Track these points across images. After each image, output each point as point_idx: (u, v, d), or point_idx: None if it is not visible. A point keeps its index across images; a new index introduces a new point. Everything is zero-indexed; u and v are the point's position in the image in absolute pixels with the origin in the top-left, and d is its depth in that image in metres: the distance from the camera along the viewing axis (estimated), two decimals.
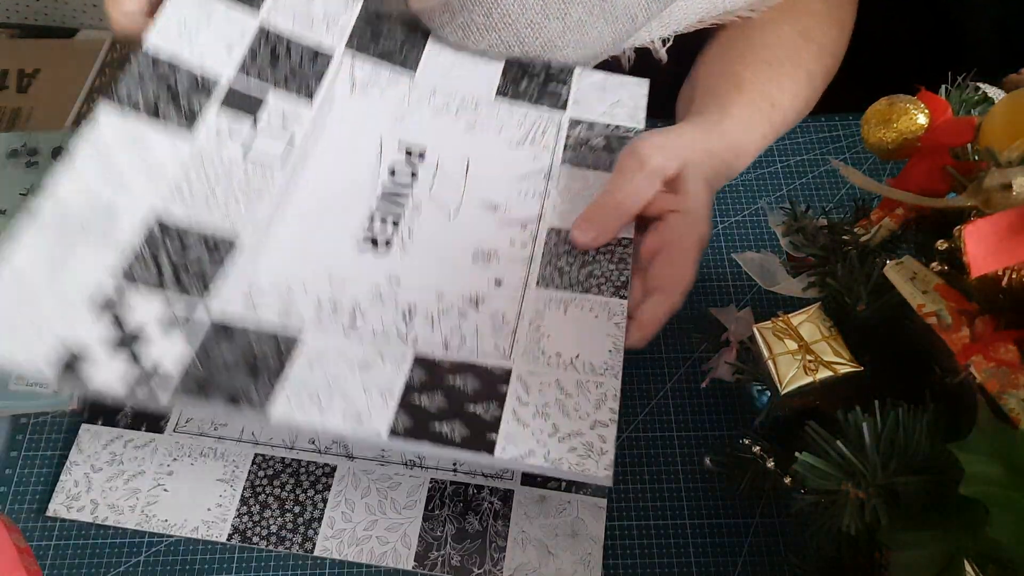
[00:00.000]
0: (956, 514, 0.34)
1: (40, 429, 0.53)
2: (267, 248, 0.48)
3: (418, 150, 0.54)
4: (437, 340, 0.46)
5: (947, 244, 0.36)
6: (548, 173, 0.53)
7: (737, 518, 0.50)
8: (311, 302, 0.46)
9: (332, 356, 0.44)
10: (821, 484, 0.36)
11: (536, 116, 0.56)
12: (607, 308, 0.47)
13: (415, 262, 0.50)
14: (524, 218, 0.52)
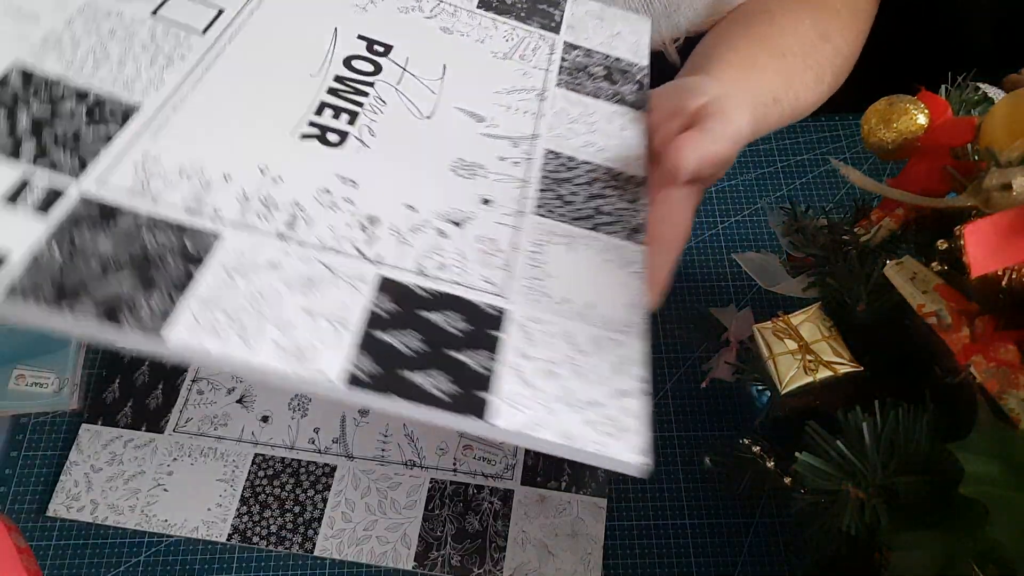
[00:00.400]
0: (956, 514, 0.34)
1: (40, 429, 0.53)
2: (174, 124, 0.38)
3: (383, 45, 0.45)
4: (408, 262, 0.36)
5: (947, 244, 0.36)
6: (541, 93, 0.46)
7: (737, 518, 0.50)
8: (233, 194, 0.36)
9: (262, 266, 0.34)
10: (821, 484, 0.36)
11: (525, 33, 0.50)
12: (620, 253, 0.39)
13: (377, 165, 0.40)
14: (515, 134, 0.43)
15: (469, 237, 0.38)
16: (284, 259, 0.34)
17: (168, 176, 0.36)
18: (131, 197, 0.34)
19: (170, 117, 0.38)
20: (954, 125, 0.41)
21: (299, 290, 0.33)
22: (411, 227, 0.38)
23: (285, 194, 0.37)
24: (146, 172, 0.35)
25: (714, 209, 0.61)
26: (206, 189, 0.36)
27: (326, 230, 0.36)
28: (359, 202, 0.38)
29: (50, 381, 0.53)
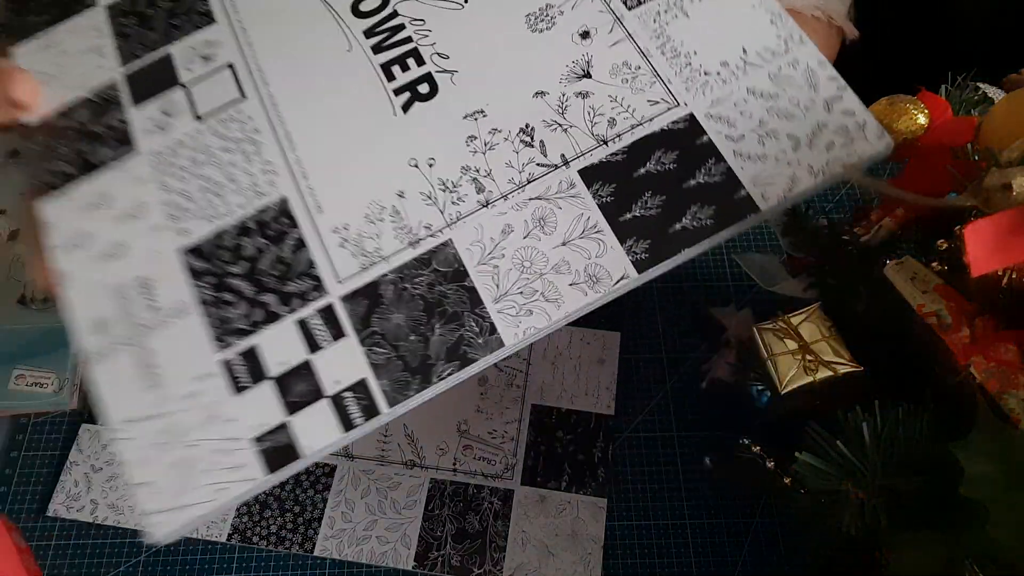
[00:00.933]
0: (956, 514, 0.34)
1: (40, 429, 0.53)
2: (318, 189, 0.37)
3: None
4: (587, 142, 0.36)
5: (947, 244, 0.36)
6: None
7: (737, 518, 0.50)
8: (420, 203, 0.36)
9: (499, 237, 0.35)
10: (821, 484, 0.36)
11: None
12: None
13: (475, 80, 0.38)
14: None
15: (604, 76, 0.37)
16: (505, 220, 0.35)
17: (365, 231, 0.36)
18: (367, 271, 0.35)
19: (310, 186, 0.37)
20: (954, 125, 0.41)
21: (541, 231, 0.35)
22: (557, 110, 0.37)
23: (450, 168, 0.36)
24: (352, 242, 0.36)
25: None
26: (400, 217, 0.36)
27: (508, 169, 0.36)
28: (501, 123, 0.37)
29: (50, 381, 0.53)
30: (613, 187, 0.35)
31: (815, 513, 0.38)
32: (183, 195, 0.37)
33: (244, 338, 0.34)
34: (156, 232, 0.36)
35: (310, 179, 0.37)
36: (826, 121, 0.35)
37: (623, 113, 0.37)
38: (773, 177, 0.35)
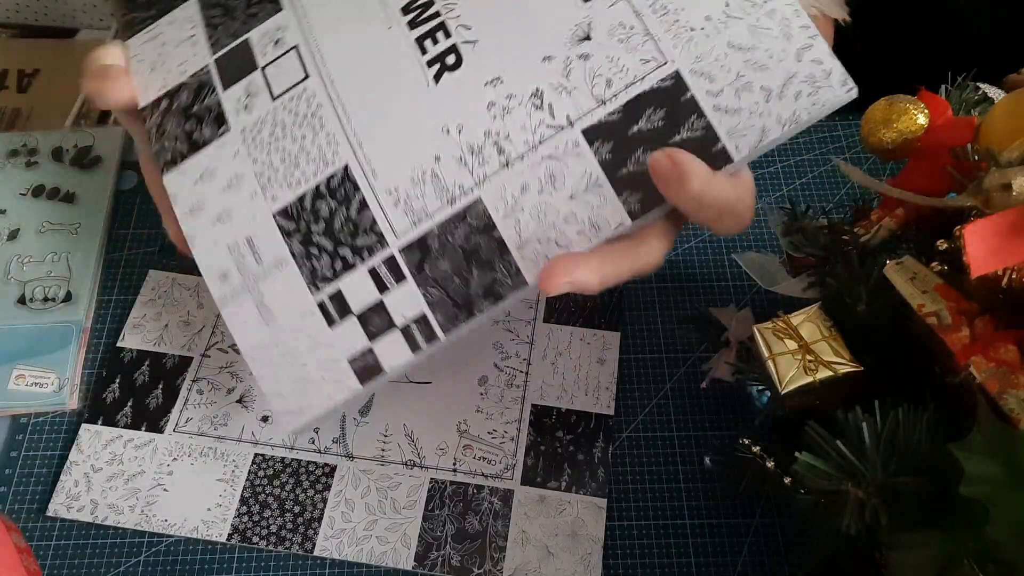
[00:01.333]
0: (956, 514, 0.34)
1: (40, 429, 0.53)
2: (372, 155, 0.41)
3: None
4: (587, 102, 0.39)
5: (947, 244, 0.36)
6: None
7: (737, 518, 0.50)
8: (453, 166, 0.40)
9: (520, 194, 0.39)
10: (821, 484, 0.36)
11: None
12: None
13: (493, 48, 0.41)
14: None
15: (603, 38, 0.40)
16: (523, 178, 0.40)
17: (412, 192, 0.41)
18: (417, 227, 0.41)
19: (365, 154, 0.42)
20: (954, 125, 0.41)
21: (554, 189, 0.39)
22: (563, 73, 0.40)
23: (475, 133, 0.40)
24: (403, 202, 0.41)
25: None
26: (439, 179, 0.41)
27: (523, 132, 0.40)
28: (516, 89, 0.40)
29: (50, 381, 0.53)
30: (611, 145, 0.39)
31: (815, 513, 0.38)
32: (269, 166, 0.43)
33: (330, 284, 0.42)
34: (252, 199, 0.43)
35: (365, 148, 0.41)
36: (796, 71, 0.37)
37: (618, 73, 0.39)
38: (745, 129, 0.37)
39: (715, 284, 0.58)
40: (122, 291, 0.58)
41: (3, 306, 0.56)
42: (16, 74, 0.71)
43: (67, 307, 0.56)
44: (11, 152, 0.62)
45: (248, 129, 0.43)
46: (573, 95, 0.40)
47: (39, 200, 0.60)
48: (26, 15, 0.80)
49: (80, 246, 0.58)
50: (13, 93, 0.70)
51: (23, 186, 0.60)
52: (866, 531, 0.35)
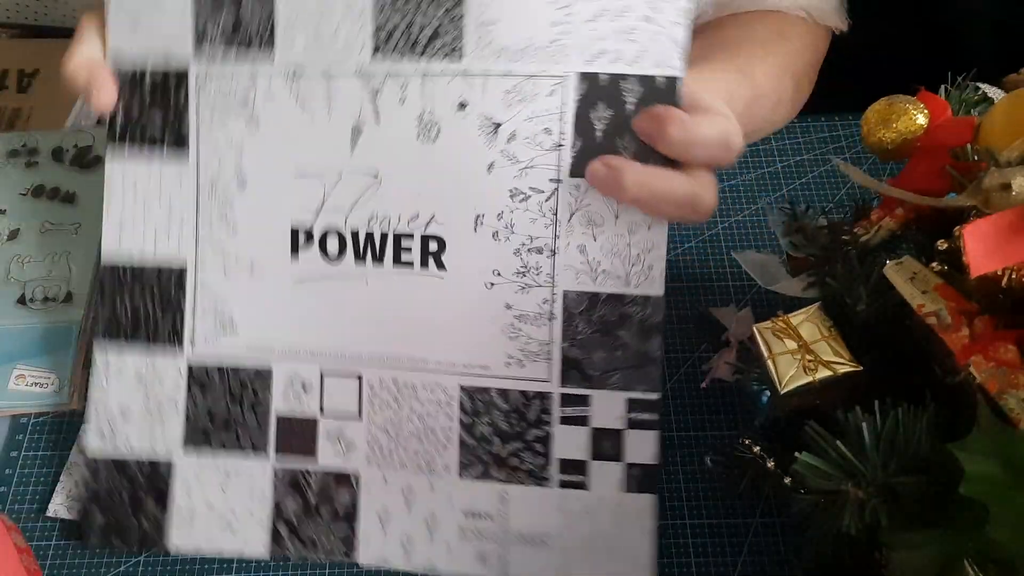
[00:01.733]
0: (956, 514, 0.34)
1: (40, 429, 0.53)
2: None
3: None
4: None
5: (947, 244, 0.36)
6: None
7: (737, 518, 0.50)
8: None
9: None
10: (821, 484, 0.36)
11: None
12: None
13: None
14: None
15: (520, 131, 0.44)
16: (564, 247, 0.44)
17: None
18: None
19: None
20: (954, 125, 0.41)
21: (592, 230, 0.44)
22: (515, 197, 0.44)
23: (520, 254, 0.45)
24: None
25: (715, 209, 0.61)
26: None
27: (532, 224, 0.44)
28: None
29: (50, 381, 0.53)
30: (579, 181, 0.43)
31: (815, 513, 0.38)
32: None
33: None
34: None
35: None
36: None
37: (548, 135, 0.43)
38: (656, 53, 0.42)
39: (715, 284, 0.58)
40: None
41: (3, 306, 0.56)
42: (16, 74, 0.71)
43: (67, 307, 0.56)
44: (11, 152, 0.62)
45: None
46: (533, 170, 0.43)
47: (39, 200, 0.60)
48: (26, 15, 0.80)
49: (80, 246, 0.58)
50: (13, 93, 0.70)
51: (23, 186, 0.60)
52: (866, 531, 0.35)
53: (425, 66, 0.44)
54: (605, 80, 0.42)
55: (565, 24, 0.42)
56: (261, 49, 0.45)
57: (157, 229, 0.47)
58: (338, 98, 0.45)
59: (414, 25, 0.44)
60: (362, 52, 0.44)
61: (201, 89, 0.46)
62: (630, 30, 0.42)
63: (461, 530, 0.46)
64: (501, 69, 0.43)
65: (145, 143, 0.47)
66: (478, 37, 0.43)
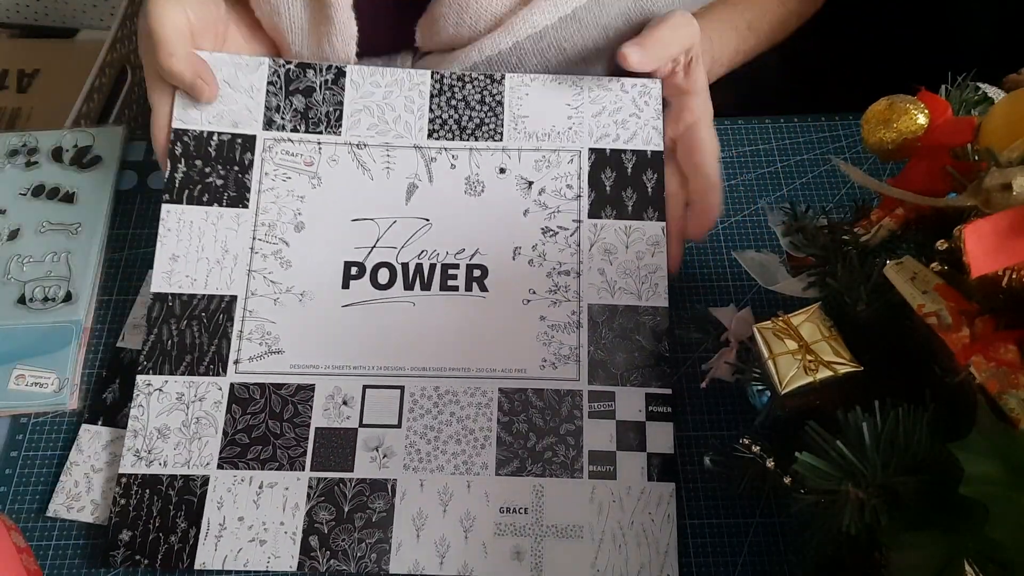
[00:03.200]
0: (956, 514, 0.34)
1: (40, 429, 0.53)
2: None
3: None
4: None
5: (947, 244, 0.36)
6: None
7: (737, 518, 0.50)
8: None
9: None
10: (821, 484, 0.36)
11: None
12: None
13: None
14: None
15: (547, 187, 0.55)
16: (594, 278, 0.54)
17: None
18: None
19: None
20: (954, 125, 0.41)
21: (609, 255, 0.55)
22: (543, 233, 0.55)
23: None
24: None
25: None
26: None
27: (561, 253, 0.54)
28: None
29: (50, 381, 0.53)
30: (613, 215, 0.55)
31: (815, 513, 0.38)
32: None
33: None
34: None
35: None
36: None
37: (570, 189, 0.55)
38: (645, 134, 0.56)
39: (715, 284, 0.58)
40: (122, 291, 0.58)
41: (3, 306, 0.56)
42: (16, 74, 0.71)
43: (67, 307, 0.56)
44: (11, 152, 0.62)
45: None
46: (560, 214, 0.54)
47: (39, 200, 0.60)
48: (26, 15, 0.80)
49: (80, 246, 0.58)
50: (13, 93, 0.70)
51: (23, 186, 0.60)
52: (866, 531, 0.35)
53: (472, 144, 0.55)
54: (609, 153, 0.55)
55: (577, 118, 0.56)
56: (328, 128, 0.55)
57: (210, 263, 0.52)
58: (397, 163, 0.54)
59: (463, 118, 0.56)
60: (419, 133, 0.55)
61: (267, 151, 0.54)
62: (624, 122, 0.56)
63: (496, 526, 0.48)
64: (532, 146, 0.55)
65: (204, 192, 0.53)
66: (514, 126, 0.55)
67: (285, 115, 0.54)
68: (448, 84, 0.56)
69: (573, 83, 0.56)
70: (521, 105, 0.56)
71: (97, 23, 0.84)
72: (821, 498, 0.36)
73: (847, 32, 0.66)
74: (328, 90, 0.55)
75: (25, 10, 0.80)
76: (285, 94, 0.55)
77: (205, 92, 0.53)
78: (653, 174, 0.55)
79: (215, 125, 0.54)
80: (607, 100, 0.56)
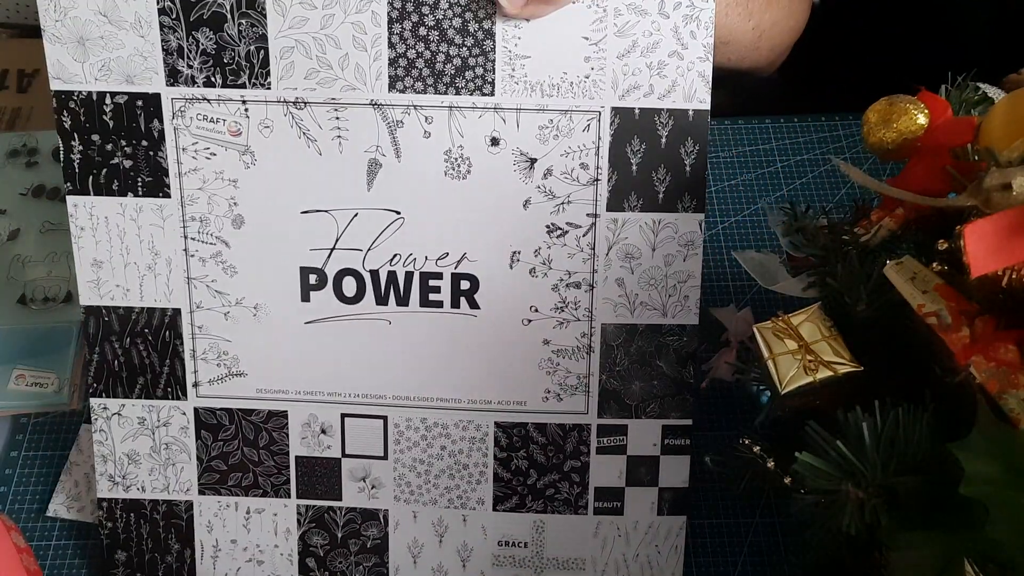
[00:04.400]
0: (956, 514, 0.34)
1: (40, 429, 0.53)
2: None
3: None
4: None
5: (947, 244, 0.36)
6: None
7: (737, 518, 0.50)
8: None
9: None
10: (821, 484, 0.36)
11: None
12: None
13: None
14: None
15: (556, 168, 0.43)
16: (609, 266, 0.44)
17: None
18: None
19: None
20: (954, 125, 0.41)
21: (630, 263, 0.44)
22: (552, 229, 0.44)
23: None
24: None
25: (714, 209, 0.61)
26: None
27: (570, 260, 0.44)
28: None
29: (50, 381, 0.53)
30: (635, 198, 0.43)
31: (815, 513, 0.38)
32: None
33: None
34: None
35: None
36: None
37: (584, 170, 0.42)
38: (688, 85, 0.41)
39: (715, 284, 0.58)
40: None
41: (3, 306, 0.56)
42: (16, 74, 0.71)
43: (67, 307, 0.56)
44: (11, 152, 0.62)
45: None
46: (571, 205, 0.43)
47: (39, 200, 0.60)
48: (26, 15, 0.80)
49: None
50: (13, 93, 0.70)
51: (23, 186, 0.60)
52: (866, 531, 0.35)
53: (452, 99, 0.41)
54: (639, 114, 0.42)
55: (598, 59, 0.41)
56: (253, 77, 0.42)
57: (140, 270, 0.44)
58: (350, 130, 0.42)
59: (438, 57, 0.41)
60: (376, 82, 0.41)
61: (179, 116, 0.42)
62: (660, 65, 0.41)
63: (495, 558, 0.45)
64: (535, 104, 0.42)
65: (113, 178, 0.43)
66: (510, 72, 0.41)
67: (192, 61, 0.41)
68: (414, 2, 0.40)
69: (592, 2, 0.41)
70: (520, 39, 0.41)
71: None
72: (821, 498, 0.36)
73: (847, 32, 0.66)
74: (244, 17, 0.41)
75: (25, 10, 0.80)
76: (186, 27, 0.41)
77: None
78: (695, 145, 0.42)
79: (104, 82, 0.42)
80: (639, 30, 0.41)
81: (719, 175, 0.63)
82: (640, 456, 0.45)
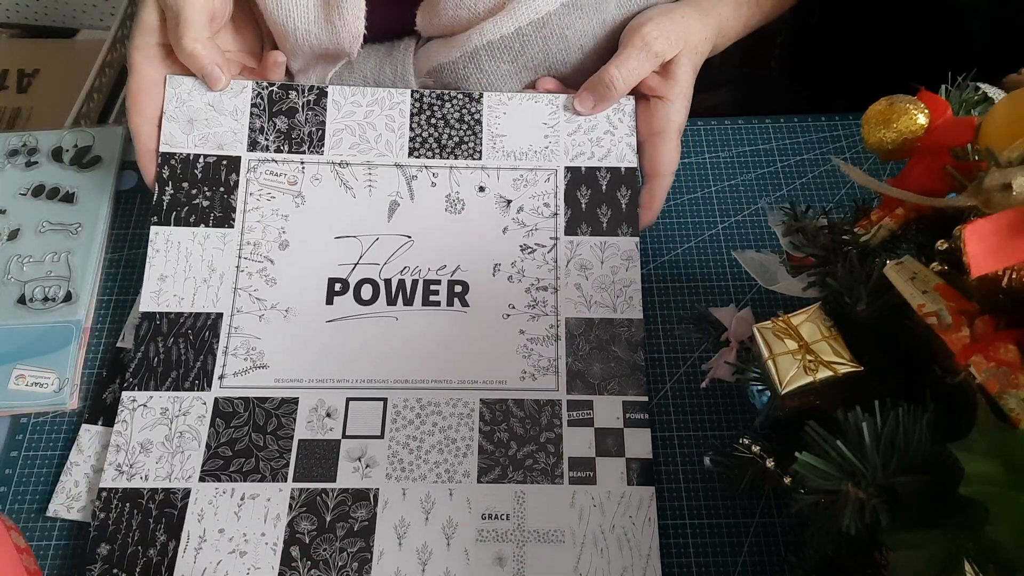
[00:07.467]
0: (956, 514, 0.34)
1: (40, 429, 0.53)
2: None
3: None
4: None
5: (947, 244, 0.36)
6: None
7: (737, 518, 0.50)
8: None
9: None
10: (821, 484, 0.36)
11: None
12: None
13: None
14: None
15: (524, 212, 0.57)
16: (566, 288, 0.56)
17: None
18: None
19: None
20: (954, 125, 0.41)
21: (584, 273, 0.56)
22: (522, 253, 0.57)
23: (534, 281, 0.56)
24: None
25: (714, 209, 0.62)
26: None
27: (538, 270, 0.56)
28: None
29: (50, 381, 0.53)
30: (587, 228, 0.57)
31: (815, 513, 0.38)
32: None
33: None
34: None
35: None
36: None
37: (547, 207, 0.57)
38: (619, 152, 0.58)
39: (715, 284, 0.58)
40: (122, 291, 0.58)
41: (3, 306, 0.56)
42: (16, 74, 0.71)
43: (67, 307, 0.56)
44: (11, 152, 0.62)
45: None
46: (537, 231, 0.56)
47: (39, 200, 0.60)
48: (26, 15, 0.80)
49: (80, 246, 0.58)
50: (13, 93, 0.70)
51: (23, 186, 0.60)
52: (866, 531, 0.35)
53: (452, 162, 0.57)
54: (584, 171, 0.57)
55: (554, 136, 0.58)
56: (311, 147, 0.56)
57: (196, 282, 0.54)
58: (379, 181, 0.56)
59: (443, 136, 0.57)
60: (400, 152, 0.57)
61: (252, 172, 0.56)
62: (598, 140, 0.58)
63: (478, 533, 0.48)
64: (510, 165, 0.57)
65: (192, 213, 0.55)
66: (492, 145, 0.57)
67: (269, 136, 0.56)
68: (428, 103, 0.57)
69: (549, 101, 0.58)
70: (499, 124, 0.58)
71: (97, 23, 0.84)
72: (821, 498, 0.36)
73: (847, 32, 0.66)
74: (311, 110, 0.57)
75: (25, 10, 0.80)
76: (268, 115, 0.57)
77: (222, 80, 0.55)
78: (627, 190, 0.57)
79: (201, 148, 0.56)
80: (582, 118, 0.58)
81: (719, 175, 0.63)
82: (606, 428, 0.51)
